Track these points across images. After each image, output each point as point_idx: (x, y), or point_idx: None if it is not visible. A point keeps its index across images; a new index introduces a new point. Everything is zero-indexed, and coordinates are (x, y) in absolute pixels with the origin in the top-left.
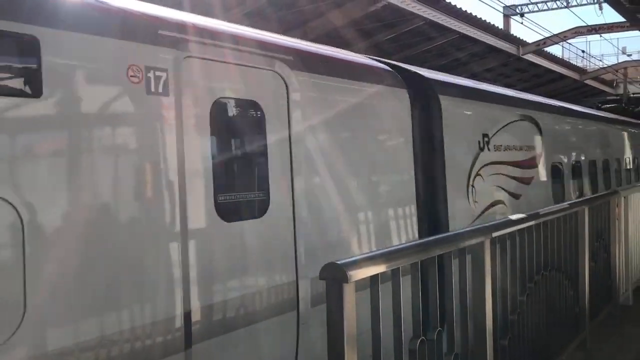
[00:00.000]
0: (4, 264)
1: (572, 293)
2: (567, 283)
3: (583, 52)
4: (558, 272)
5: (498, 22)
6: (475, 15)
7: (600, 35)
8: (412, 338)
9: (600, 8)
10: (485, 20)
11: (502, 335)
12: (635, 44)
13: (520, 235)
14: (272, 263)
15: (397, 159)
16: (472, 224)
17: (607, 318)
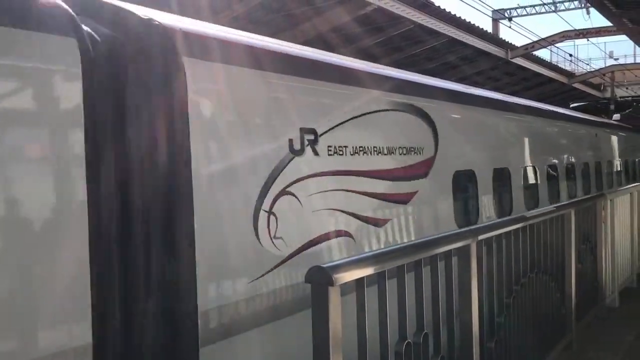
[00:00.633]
0: None
1: (558, 295)
2: (553, 285)
3: (571, 55)
4: (544, 274)
5: (487, 26)
6: (465, 19)
7: (588, 40)
8: (397, 341)
9: (588, 12)
10: (474, 24)
11: (488, 338)
12: (622, 48)
13: (507, 238)
14: None
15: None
16: (272, 273)
17: (593, 320)
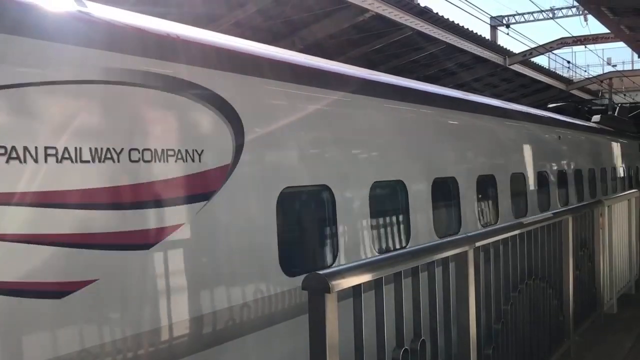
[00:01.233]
0: None
1: (556, 302)
2: (551, 292)
3: (569, 62)
4: (542, 281)
5: (485, 32)
6: (463, 26)
7: (586, 46)
8: (395, 348)
9: (585, 19)
10: (472, 31)
11: (486, 345)
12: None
13: (504, 245)
14: None
15: None
16: None
17: (591, 326)
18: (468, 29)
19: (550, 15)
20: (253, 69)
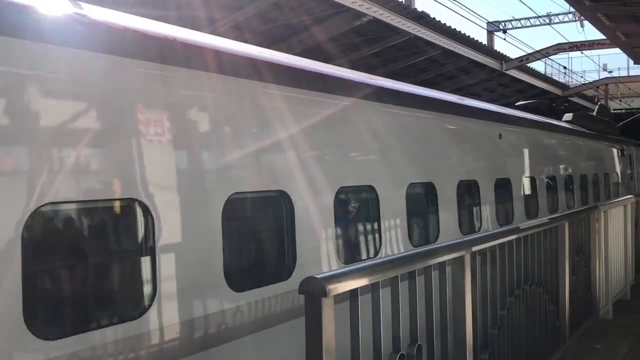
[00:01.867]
0: None
1: (552, 307)
2: (547, 297)
3: (565, 68)
4: (538, 286)
5: (482, 37)
6: (460, 31)
7: (582, 52)
8: (391, 352)
9: (582, 25)
10: (469, 36)
11: (482, 350)
12: (616, 61)
13: (501, 250)
14: None
15: None
16: None
17: (587, 332)
18: (465, 34)
19: (547, 21)
20: None
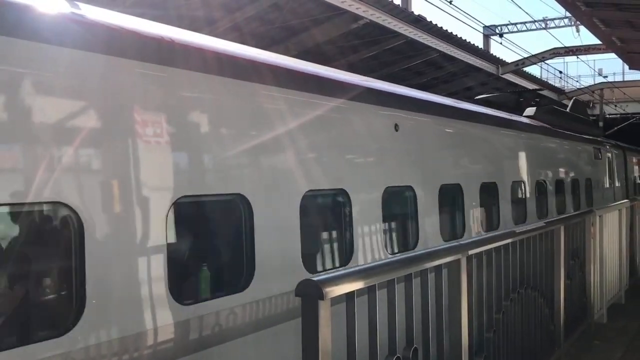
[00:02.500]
0: None
1: (547, 311)
2: (542, 301)
3: (560, 72)
4: (534, 290)
5: (478, 41)
6: (456, 35)
7: (577, 57)
8: (387, 356)
9: (578, 30)
10: (466, 40)
11: (477, 353)
12: (612, 66)
13: (497, 253)
14: None
15: None
16: None
17: (581, 336)
18: (461, 38)
19: (543, 26)
20: None
